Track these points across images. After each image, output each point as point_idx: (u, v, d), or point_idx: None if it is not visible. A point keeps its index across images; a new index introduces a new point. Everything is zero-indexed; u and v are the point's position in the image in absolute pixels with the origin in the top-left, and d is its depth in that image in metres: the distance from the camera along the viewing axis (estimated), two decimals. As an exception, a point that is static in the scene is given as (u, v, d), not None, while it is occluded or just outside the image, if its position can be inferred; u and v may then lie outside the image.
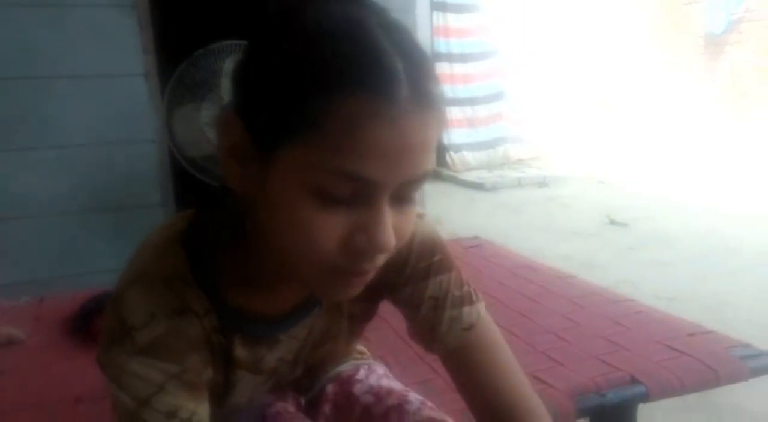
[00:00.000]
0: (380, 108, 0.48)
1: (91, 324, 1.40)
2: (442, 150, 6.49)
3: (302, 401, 0.86)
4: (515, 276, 1.76)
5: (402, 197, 0.54)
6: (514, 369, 0.72)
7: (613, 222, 4.33)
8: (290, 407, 0.81)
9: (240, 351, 0.67)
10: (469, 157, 6.56)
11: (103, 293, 1.47)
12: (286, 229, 0.54)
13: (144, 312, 0.57)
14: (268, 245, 0.57)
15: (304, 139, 0.50)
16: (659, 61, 7.03)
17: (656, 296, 2.79)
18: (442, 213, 4.52)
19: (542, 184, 5.93)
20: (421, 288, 0.71)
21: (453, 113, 6.49)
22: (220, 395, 0.68)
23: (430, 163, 0.53)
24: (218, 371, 0.65)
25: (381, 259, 0.56)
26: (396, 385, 0.87)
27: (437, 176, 6.33)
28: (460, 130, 6.55)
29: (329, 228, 0.52)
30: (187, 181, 2.35)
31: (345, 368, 0.89)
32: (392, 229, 0.53)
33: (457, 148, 6.53)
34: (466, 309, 0.71)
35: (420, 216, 0.71)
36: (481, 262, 1.95)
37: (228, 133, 0.54)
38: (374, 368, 0.90)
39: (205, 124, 2.25)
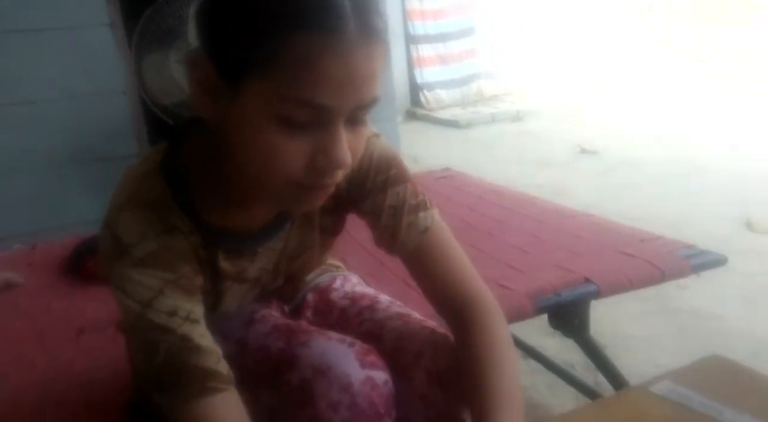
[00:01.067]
0: (329, 43, 0.56)
1: (85, 265, 1.48)
2: (415, 88, 6.50)
3: (286, 308, 0.96)
4: (483, 201, 1.87)
5: (355, 120, 0.63)
6: (464, 263, 0.82)
7: (583, 150, 4.44)
8: (275, 312, 0.90)
9: (224, 264, 0.77)
10: (443, 94, 6.57)
11: (93, 236, 1.55)
12: (254, 153, 0.62)
13: (136, 232, 0.66)
14: (239, 168, 0.66)
15: (264, 73, 0.57)
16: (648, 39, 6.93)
17: (622, 217, 2.93)
18: (418, 151, 4.59)
19: (516, 118, 6.00)
20: (381, 199, 0.80)
21: (425, 51, 6.46)
22: (211, 304, 0.78)
23: (378, 89, 0.62)
24: (207, 281, 0.75)
25: (340, 175, 0.65)
26: (369, 290, 0.97)
27: (412, 116, 6.37)
28: (433, 68, 6.54)
29: (292, 150, 0.60)
30: (162, 128, 2.39)
31: (323, 279, 0.99)
32: (348, 148, 0.62)
33: (431, 87, 6.54)
34: (421, 214, 0.80)
35: (376, 135, 0.80)
36: (451, 191, 2.04)
37: (197, 69, 0.61)
38: (349, 278, 1.01)
39: (175, 71, 2.28)
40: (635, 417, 0.82)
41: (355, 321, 0.89)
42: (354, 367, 0.72)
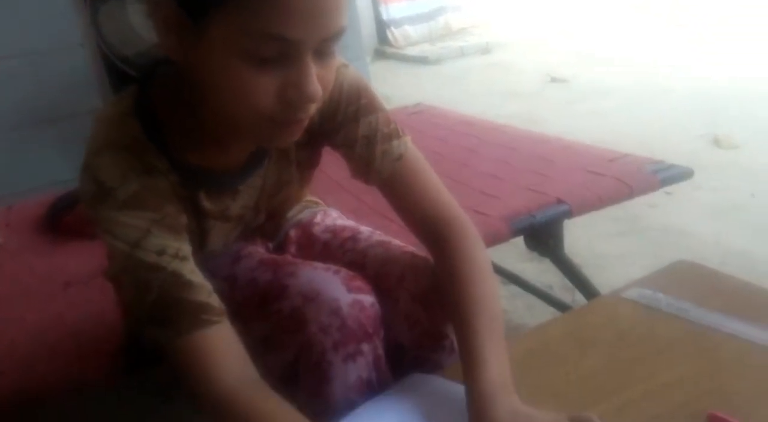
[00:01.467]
0: None
1: (62, 220, 1.48)
2: (382, 26, 6.38)
3: (270, 246, 0.98)
4: (454, 132, 1.88)
5: (323, 52, 0.63)
6: (440, 189, 0.84)
7: (554, 79, 4.45)
8: (260, 249, 0.92)
9: (206, 204, 0.78)
10: (411, 30, 6.46)
11: (68, 192, 1.54)
12: (224, 91, 0.62)
13: (117, 174, 0.67)
14: (211, 106, 0.67)
15: (228, 8, 0.57)
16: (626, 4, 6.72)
17: (593, 141, 2.97)
18: (388, 90, 4.55)
19: (485, 50, 5.95)
20: (353, 130, 0.80)
21: (389, -14, 6.32)
22: (197, 243, 0.79)
23: (344, 19, 0.62)
24: (192, 220, 0.76)
25: (312, 108, 0.66)
26: (349, 223, 0.99)
27: (381, 54, 6.27)
28: (398, 4, 6.41)
29: (263, 86, 0.61)
30: (125, 79, 2.33)
31: (304, 215, 1.01)
32: (318, 81, 0.62)
33: (398, 23, 6.42)
34: (394, 142, 0.81)
35: (345, 66, 0.80)
36: (423, 125, 2.05)
37: (160, 9, 0.61)
38: (329, 213, 1.02)
39: (133, 19, 2.21)
40: (606, 321, 0.86)
41: (338, 252, 0.92)
42: (341, 292, 0.75)
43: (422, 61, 5.85)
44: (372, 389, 0.76)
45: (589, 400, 0.71)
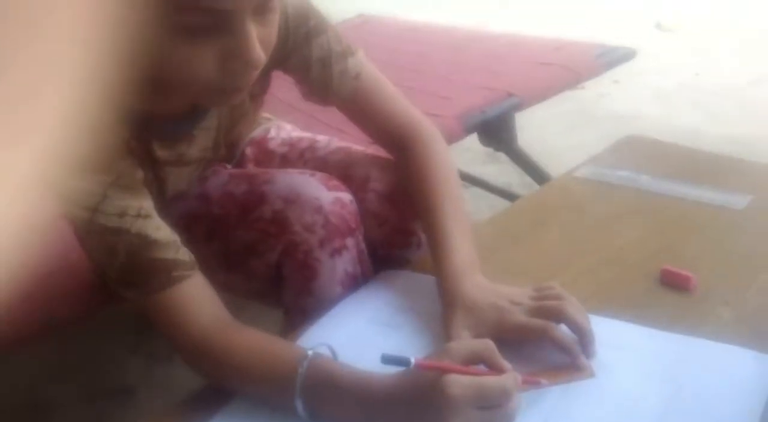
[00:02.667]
0: None
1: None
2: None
3: (228, 166, 0.97)
4: (401, 40, 1.84)
5: (263, 9, 0.60)
6: (399, 97, 0.84)
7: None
8: (221, 168, 0.91)
9: (161, 153, 0.75)
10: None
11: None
12: (163, 63, 0.59)
13: None
14: (150, 71, 0.61)
15: None
16: None
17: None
18: (331, 8, 4.40)
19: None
20: (306, 53, 0.78)
21: None
22: (157, 192, 0.76)
23: None
24: (148, 172, 0.73)
25: (255, 74, 0.63)
26: (305, 134, 0.98)
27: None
28: None
29: (203, 59, 0.58)
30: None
31: (258, 132, 0.99)
32: (260, 43, 0.59)
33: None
34: (350, 60, 0.79)
35: None
36: (368, 36, 2.00)
37: None
38: (283, 126, 1.01)
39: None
40: (561, 200, 0.90)
41: (298, 163, 0.92)
42: (322, 191, 0.75)
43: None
44: (356, 282, 0.78)
45: (550, 272, 0.75)
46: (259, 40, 0.60)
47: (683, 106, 2.25)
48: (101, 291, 0.95)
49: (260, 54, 0.60)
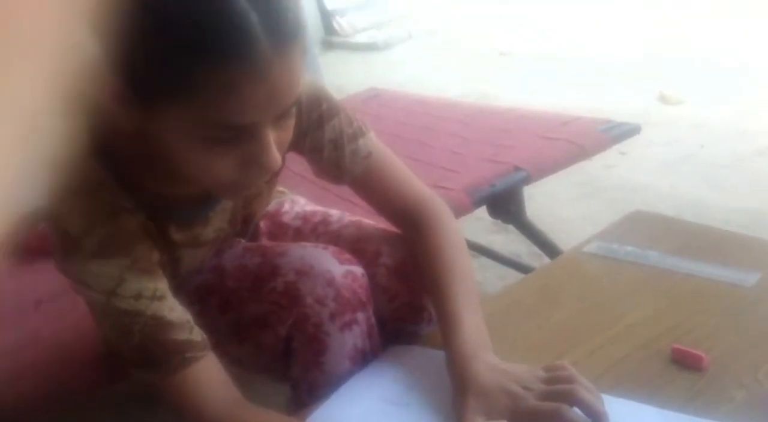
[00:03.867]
0: (246, 70, 0.56)
1: (27, 241, 1.46)
2: (327, 16, 6.35)
3: (243, 241, 0.99)
4: (410, 113, 1.90)
5: (281, 117, 0.63)
6: (408, 175, 0.86)
7: (502, 53, 4.50)
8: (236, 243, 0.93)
9: (177, 235, 0.77)
10: (356, 17, 6.45)
11: (28, 212, 1.51)
12: (182, 164, 0.63)
13: (83, 223, 0.65)
14: (172, 165, 0.65)
15: (182, 101, 0.57)
16: None
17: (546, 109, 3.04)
18: (341, 79, 4.54)
19: (433, 31, 5.97)
20: (319, 136, 0.80)
21: (329, -24, 6.27)
22: (171, 272, 0.78)
23: (300, 87, 0.62)
24: (163, 254, 0.75)
25: (270, 174, 0.67)
26: (318, 208, 1.01)
27: (328, 45, 6.25)
28: (341, -7, 6.38)
29: (222, 165, 0.62)
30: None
31: (272, 206, 1.02)
32: (276, 146, 0.62)
33: (342, 12, 6.39)
34: (360, 141, 0.82)
35: None
36: (379, 110, 2.07)
37: (108, 82, 0.58)
38: (296, 200, 1.04)
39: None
40: (570, 276, 0.90)
41: (311, 237, 0.94)
42: (334, 264, 0.77)
43: (371, 47, 5.85)
44: (365, 357, 0.79)
45: (561, 349, 0.75)
46: (276, 143, 0.62)
47: (690, 178, 2.27)
48: (111, 363, 0.96)
49: (277, 159, 0.63)
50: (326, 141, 0.80)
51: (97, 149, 0.68)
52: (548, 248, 1.52)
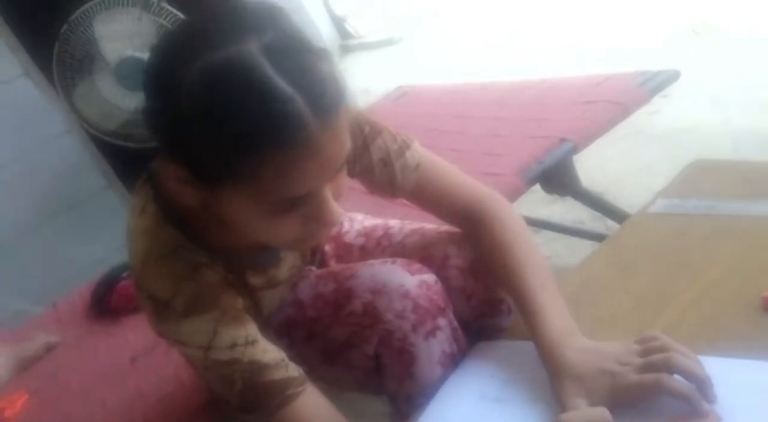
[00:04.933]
0: (298, 151, 0.58)
1: (108, 302, 1.53)
2: (338, 22, 6.37)
3: (313, 269, 1.01)
4: (443, 104, 1.90)
5: (336, 175, 0.65)
6: (457, 175, 0.87)
7: (511, 31, 4.42)
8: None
9: (254, 280, 0.81)
10: (367, 16, 6.44)
11: (105, 274, 1.59)
12: (247, 229, 0.67)
13: (169, 286, 0.69)
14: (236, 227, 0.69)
15: (241, 184, 0.61)
16: None
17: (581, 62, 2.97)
18: (366, 82, 4.56)
19: (435, 14, 5.90)
20: (367, 158, 0.82)
21: (332, -18, 6.28)
22: (255, 314, 0.81)
23: (349, 146, 0.64)
24: (246, 300, 0.78)
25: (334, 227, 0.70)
26: (377, 221, 1.03)
27: (346, 49, 6.27)
28: (347, -4, 6.38)
29: (285, 228, 0.65)
30: (117, 153, 2.38)
31: (333, 228, 1.04)
32: (333, 198, 0.65)
33: (352, 14, 6.40)
34: (408, 154, 0.83)
35: None
36: (411, 107, 2.08)
37: (168, 168, 0.64)
38: (354, 217, 1.06)
39: (106, 93, 2.25)
40: (641, 240, 0.89)
41: (376, 252, 0.96)
42: (405, 276, 0.79)
43: (388, 43, 5.84)
44: (454, 360, 0.80)
45: (647, 318, 0.74)
46: (333, 194, 0.65)
47: (738, 108, 2.19)
48: (217, 409, 1.00)
49: (338, 213, 0.65)
50: (375, 161, 0.82)
51: (169, 215, 0.72)
52: (611, 212, 1.50)
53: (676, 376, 0.61)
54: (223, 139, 0.58)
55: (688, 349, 0.63)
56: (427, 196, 0.85)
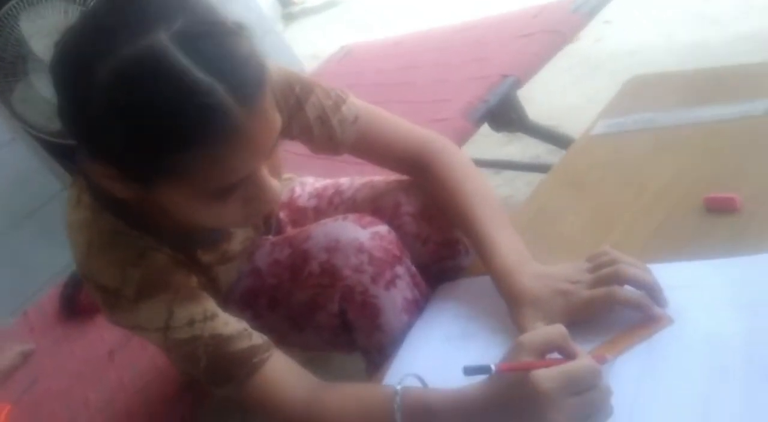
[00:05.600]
0: (227, 140, 0.55)
1: (78, 303, 1.51)
2: (277, -9, 6.21)
3: (270, 237, 1.01)
4: (386, 58, 1.88)
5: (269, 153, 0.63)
6: (398, 123, 0.86)
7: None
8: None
9: (206, 257, 0.80)
10: (305, -18, 6.29)
11: (71, 275, 1.56)
12: (188, 216, 0.65)
13: (115, 273, 0.68)
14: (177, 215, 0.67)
15: (174, 179, 0.58)
16: None
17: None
18: (313, 48, 4.48)
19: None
20: (303, 118, 0.80)
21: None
22: (213, 290, 0.81)
23: (279, 127, 0.62)
24: (200, 277, 0.77)
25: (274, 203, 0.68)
26: (328, 181, 1.02)
27: (289, 17, 6.13)
28: (282, -38, 6.21)
29: (226, 212, 0.63)
30: (67, 152, 2.32)
31: (284, 195, 1.03)
32: (271, 174, 0.63)
33: (290, -19, 6.25)
34: (344, 108, 0.82)
35: None
36: (357, 65, 2.05)
37: (95, 168, 0.61)
38: (305, 181, 1.05)
39: (45, 93, 2.18)
40: (587, 162, 0.90)
41: (330, 211, 0.95)
42: (358, 231, 0.78)
43: (331, 5, 5.73)
44: (419, 306, 0.81)
45: (599, 236, 0.75)
46: (270, 171, 0.63)
47: (681, 25, 2.20)
48: (195, 388, 1.00)
49: (276, 190, 0.64)
50: (312, 120, 0.80)
51: (106, 204, 0.70)
52: (563, 141, 1.51)
53: (627, 287, 0.63)
54: (146, 140, 0.55)
55: (636, 260, 0.64)
56: (370, 147, 0.85)
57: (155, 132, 0.54)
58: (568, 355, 0.57)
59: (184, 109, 0.53)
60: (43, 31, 2.16)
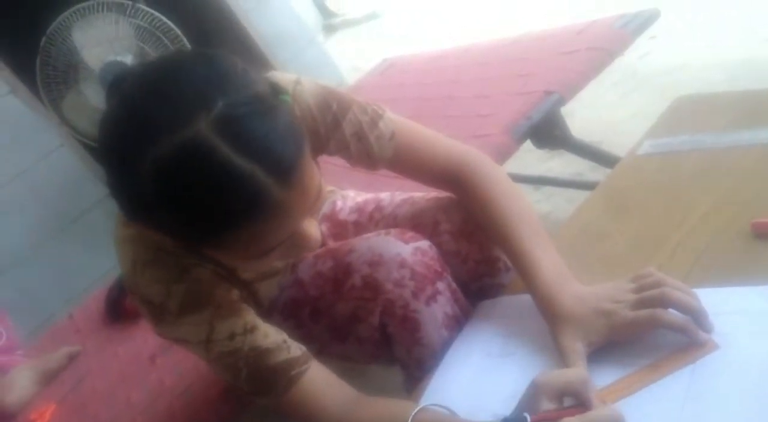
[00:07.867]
0: (267, 217, 0.59)
1: (123, 307, 1.56)
2: (320, 2, 6.30)
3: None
4: (430, 71, 1.89)
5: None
6: (437, 138, 0.86)
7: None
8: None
9: (246, 275, 0.83)
10: (348, -6, 6.37)
11: (117, 279, 1.61)
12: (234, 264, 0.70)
13: (160, 289, 0.71)
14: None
15: (220, 249, 0.63)
16: None
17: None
18: (355, 60, 4.53)
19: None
20: (340, 135, 0.81)
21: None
22: (254, 304, 0.84)
23: (318, 184, 0.64)
24: (241, 291, 0.79)
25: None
26: (368, 196, 1.03)
27: (330, 29, 6.21)
28: (325, -26, 6.30)
29: (269, 261, 0.66)
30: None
31: (326, 208, 1.05)
32: (310, 225, 0.65)
33: (333, -7, 6.33)
34: (381, 124, 0.82)
35: (298, 82, 0.78)
36: (399, 78, 2.06)
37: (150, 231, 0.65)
38: (346, 195, 1.07)
39: (94, 101, 2.25)
40: (632, 183, 0.89)
41: (370, 226, 0.96)
42: (400, 246, 0.79)
43: (372, 17, 5.78)
44: (458, 322, 0.81)
45: (642, 258, 0.75)
46: (309, 215, 0.65)
47: (729, 41, 2.16)
48: (237, 393, 1.02)
49: (317, 237, 0.66)
50: (349, 137, 0.81)
51: None
52: (605, 159, 1.49)
53: (672, 311, 0.62)
54: (192, 224, 0.59)
55: (681, 283, 0.64)
56: (408, 163, 0.85)
57: (199, 218, 0.58)
58: (583, 402, 0.57)
59: (226, 196, 0.56)
60: (94, 42, 2.24)
